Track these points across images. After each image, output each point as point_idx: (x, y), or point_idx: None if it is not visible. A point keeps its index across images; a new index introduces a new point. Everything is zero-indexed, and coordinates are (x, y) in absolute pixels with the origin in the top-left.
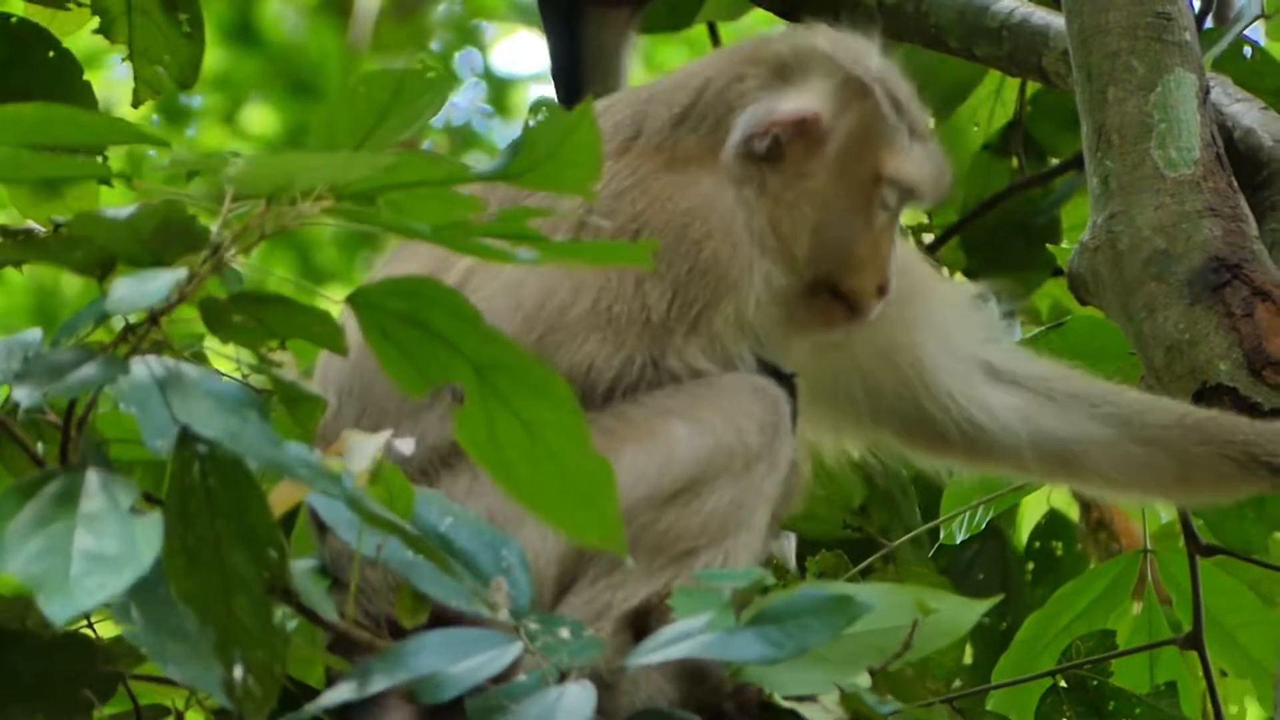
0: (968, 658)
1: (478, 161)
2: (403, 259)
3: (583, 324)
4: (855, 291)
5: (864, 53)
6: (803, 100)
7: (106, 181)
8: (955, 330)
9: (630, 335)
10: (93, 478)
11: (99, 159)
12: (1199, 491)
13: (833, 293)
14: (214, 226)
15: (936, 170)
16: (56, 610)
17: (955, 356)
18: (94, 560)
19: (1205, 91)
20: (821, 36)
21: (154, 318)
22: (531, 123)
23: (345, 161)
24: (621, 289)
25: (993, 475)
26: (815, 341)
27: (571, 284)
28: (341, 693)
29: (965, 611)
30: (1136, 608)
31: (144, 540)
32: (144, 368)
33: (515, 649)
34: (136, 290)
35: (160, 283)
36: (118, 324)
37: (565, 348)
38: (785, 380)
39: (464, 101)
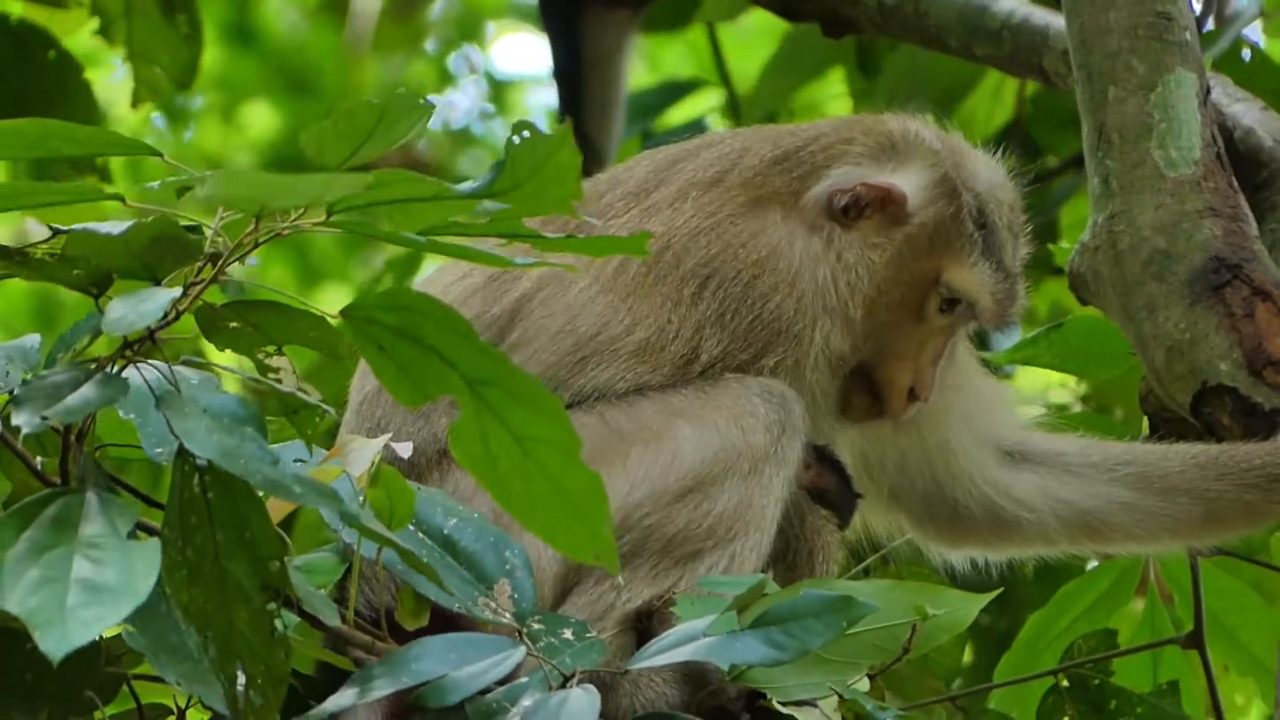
0: (969, 656)
1: (477, 161)
2: (454, 269)
3: (629, 352)
4: (887, 383)
5: (977, 166)
6: (897, 179)
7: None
8: (982, 421)
9: (673, 367)
10: (92, 500)
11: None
12: (1229, 526)
13: (868, 381)
14: (208, 231)
15: (1000, 295)
16: (52, 645)
17: (977, 443)
18: (91, 590)
19: (1206, 91)
20: (939, 135)
21: (151, 335)
22: (516, 140)
23: (326, 181)
24: (681, 331)
25: (1021, 556)
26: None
27: (630, 319)
28: (346, 698)
29: (965, 606)
30: (1138, 606)
31: (142, 569)
32: (142, 381)
33: (518, 653)
34: (132, 310)
35: (155, 303)
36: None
37: (607, 369)
38: (852, 496)
39: (463, 102)
